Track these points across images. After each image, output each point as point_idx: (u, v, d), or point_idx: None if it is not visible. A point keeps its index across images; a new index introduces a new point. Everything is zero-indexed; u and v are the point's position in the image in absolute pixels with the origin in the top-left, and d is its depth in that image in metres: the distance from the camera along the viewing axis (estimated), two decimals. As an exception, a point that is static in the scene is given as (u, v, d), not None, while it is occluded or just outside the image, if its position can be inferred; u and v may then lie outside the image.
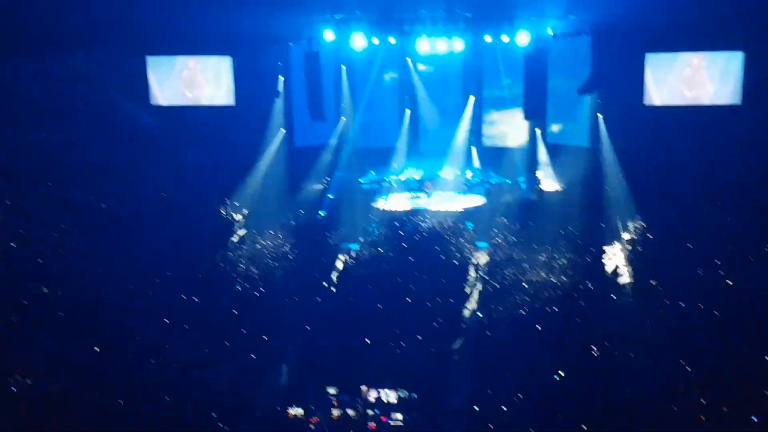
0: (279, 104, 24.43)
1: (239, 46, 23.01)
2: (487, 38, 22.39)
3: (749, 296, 14.24)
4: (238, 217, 21.70)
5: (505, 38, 22.24)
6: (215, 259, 18.92)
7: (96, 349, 13.19)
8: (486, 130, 26.24)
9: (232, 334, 14.36)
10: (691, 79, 21.84)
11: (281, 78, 24.07)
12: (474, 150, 26.09)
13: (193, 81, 24.06)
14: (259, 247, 19.58)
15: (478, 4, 21.51)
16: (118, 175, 21.86)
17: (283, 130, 24.67)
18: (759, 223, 17.13)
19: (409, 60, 25.87)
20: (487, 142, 26.31)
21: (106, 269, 16.85)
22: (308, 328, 15.22)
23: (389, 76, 25.91)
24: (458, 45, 22.78)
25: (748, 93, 21.37)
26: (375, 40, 22.79)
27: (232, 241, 20.13)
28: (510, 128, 25.51)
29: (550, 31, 21.61)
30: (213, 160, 23.52)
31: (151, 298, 15.83)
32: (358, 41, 22.40)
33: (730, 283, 14.97)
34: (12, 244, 17.44)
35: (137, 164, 22.63)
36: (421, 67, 26.02)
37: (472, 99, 25.94)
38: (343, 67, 25.49)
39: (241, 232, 20.88)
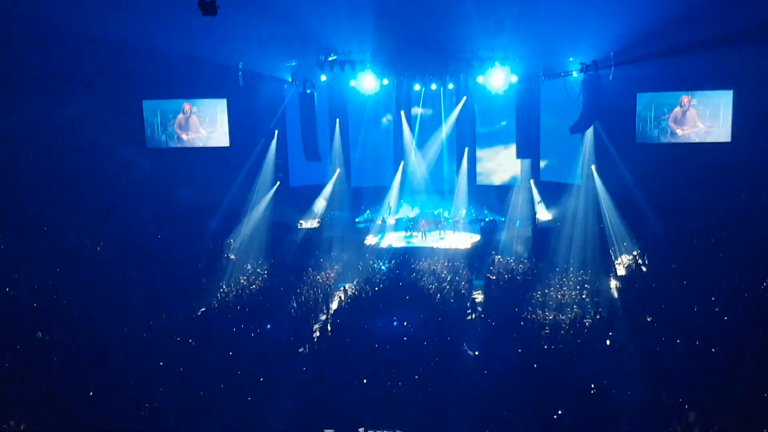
0: (274, 145, 24.62)
1: (234, 88, 23.25)
2: (479, 79, 22.64)
3: (745, 332, 14.26)
4: (233, 256, 21.73)
5: (513, 78, 22.43)
6: (210, 300, 18.91)
7: (90, 393, 13.07)
8: (479, 168, 26.37)
9: (229, 375, 14.28)
10: (682, 117, 22.16)
11: (276, 119, 24.29)
12: (467, 188, 26.18)
13: (188, 124, 24.29)
14: (253, 287, 19.56)
15: (470, 46, 21.79)
16: (113, 218, 21.95)
17: (282, 171, 24.88)
18: (752, 259, 17.20)
19: (402, 101, 26.06)
20: (480, 180, 26.44)
21: (100, 312, 16.81)
22: (304, 369, 15.14)
23: (387, 119, 26.07)
24: (450, 86, 23.13)
25: (738, 131, 21.69)
26: (372, 82, 23.02)
27: (227, 282, 20.11)
28: (503, 166, 25.62)
29: (541, 72, 21.94)
30: (208, 200, 23.64)
31: (145, 340, 15.77)
32: (368, 83, 22.63)
33: (726, 319, 14.99)
34: (7, 289, 17.45)
35: (133, 207, 22.74)
36: (417, 110, 26.19)
37: (466, 150, 26.18)
38: (337, 108, 25.69)
39: (236, 272, 20.85)
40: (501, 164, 25.75)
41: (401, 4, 20.92)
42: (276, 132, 24.49)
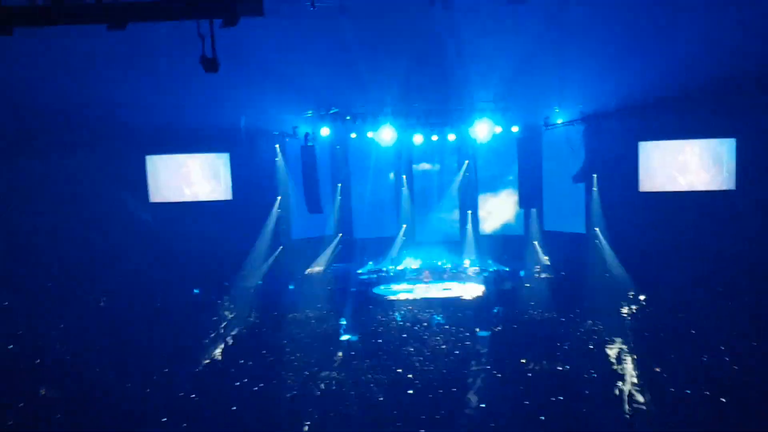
0: (276, 198, 24.71)
1: (236, 142, 23.43)
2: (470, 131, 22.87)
3: (755, 382, 14.09)
4: (235, 310, 21.62)
5: (497, 129, 22.79)
6: (212, 354, 18.76)
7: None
8: (482, 217, 26.41)
9: (233, 430, 14.09)
10: (685, 165, 22.21)
11: (278, 172, 24.42)
12: (472, 238, 26.20)
13: (191, 178, 24.42)
14: (257, 340, 19.40)
15: (469, 97, 22.02)
16: (117, 274, 21.93)
17: (285, 223, 24.95)
18: (758, 308, 17.08)
19: (404, 152, 26.23)
20: (483, 229, 26.45)
21: (104, 368, 16.67)
22: (308, 423, 14.92)
23: (391, 175, 26.18)
24: (451, 136, 23.30)
25: (742, 178, 21.73)
26: (370, 134, 23.29)
27: (231, 336, 19.97)
28: (506, 216, 25.64)
29: (543, 122, 22.14)
30: (211, 254, 23.62)
31: (148, 397, 15.59)
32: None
33: (736, 369, 14.82)
34: (10, 345, 17.34)
35: (136, 262, 22.72)
36: (424, 166, 26.39)
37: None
38: (340, 160, 25.86)
39: (239, 325, 20.74)
40: (492, 212, 25.82)
41: (402, 58, 21.17)
42: (278, 185, 24.59)
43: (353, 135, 23.50)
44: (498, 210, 26.02)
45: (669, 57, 19.43)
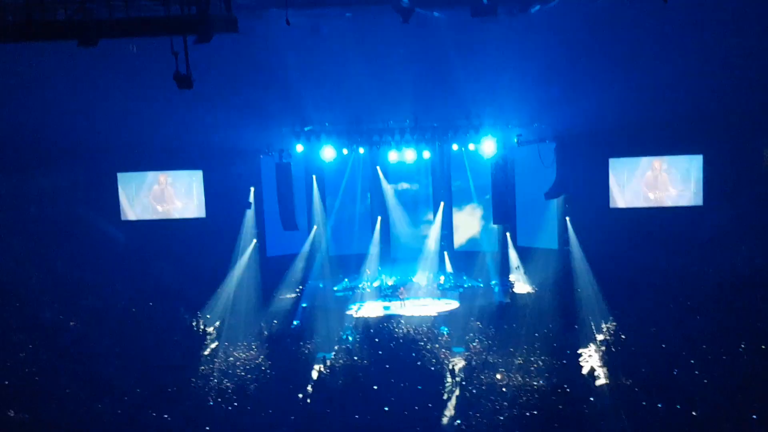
0: (250, 215, 24.61)
1: (210, 159, 23.35)
2: (454, 147, 22.97)
3: (724, 395, 14.24)
4: (209, 329, 21.46)
5: (471, 146, 22.99)
6: (186, 373, 18.57)
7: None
8: (457, 233, 26.49)
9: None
10: (654, 182, 22.53)
11: (252, 189, 24.34)
12: (446, 255, 26.26)
13: (163, 195, 24.28)
14: (231, 359, 19.26)
15: (444, 115, 22.17)
16: (87, 292, 21.66)
17: (254, 241, 24.79)
18: (727, 322, 17.28)
19: (378, 169, 26.27)
20: (458, 245, 26.53)
21: (74, 389, 16.46)
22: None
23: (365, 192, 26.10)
24: (426, 153, 23.42)
25: (709, 194, 22.07)
26: (344, 151, 23.36)
27: (204, 355, 19.81)
28: (481, 232, 25.74)
29: (515, 139, 22.32)
30: (184, 272, 23.45)
31: (121, 417, 15.43)
32: (328, 153, 22.94)
33: (706, 382, 14.97)
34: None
35: (107, 280, 22.48)
36: (404, 185, 26.50)
37: (442, 204, 26.34)
38: (314, 177, 25.82)
39: (213, 344, 20.58)
40: (467, 229, 25.97)
41: (376, 76, 21.28)
42: (252, 202, 24.50)
43: (323, 153, 23.49)
44: (472, 226, 26.13)
45: (637, 79, 19.76)
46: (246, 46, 19.05)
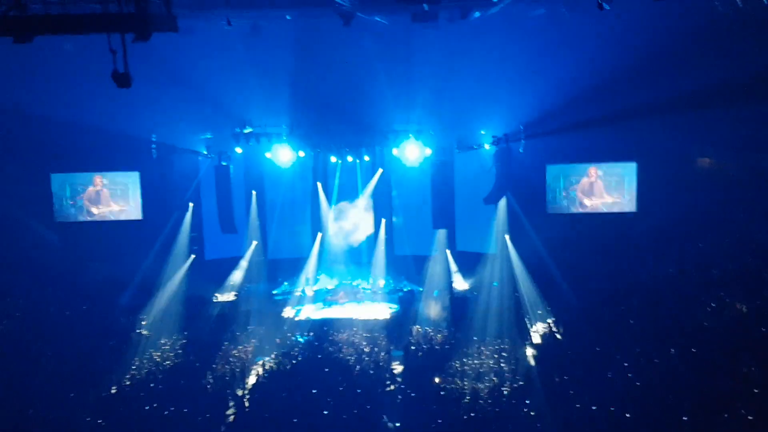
0: (188, 218, 24.28)
1: (148, 161, 22.97)
2: (394, 151, 23.07)
3: (656, 397, 14.60)
4: (145, 332, 21.10)
5: (427, 151, 23.03)
6: (121, 377, 18.23)
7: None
8: (396, 237, 26.56)
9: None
10: (590, 188, 23.03)
11: (190, 192, 24.03)
12: (385, 259, 26.29)
13: (99, 197, 23.78)
14: (168, 363, 18.97)
15: (385, 120, 22.25)
16: (19, 294, 21.11)
17: (197, 243, 24.49)
18: (659, 325, 17.73)
19: (319, 185, 26.04)
20: (397, 250, 26.59)
21: (4, 393, 16.03)
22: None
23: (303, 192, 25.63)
24: (366, 158, 23.49)
25: (642, 201, 22.65)
26: (287, 155, 23.24)
27: (139, 359, 19.46)
28: (419, 236, 25.81)
29: (455, 145, 22.55)
30: (120, 275, 23.02)
31: (54, 421, 15.08)
32: (284, 155, 22.76)
33: (638, 384, 15.33)
34: None
35: (40, 282, 21.93)
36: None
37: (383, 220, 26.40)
38: (254, 180, 25.59)
39: (148, 348, 20.22)
40: (406, 233, 26.05)
41: (317, 79, 21.28)
42: (191, 204, 24.18)
43: (268, 155, 23.33)
44: (411, 230, 26.20)
45: (574, 85, 20.19)
46: (186, 45, 18.88)
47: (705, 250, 20.21)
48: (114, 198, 23.91)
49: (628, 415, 14.19)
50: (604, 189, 22.97)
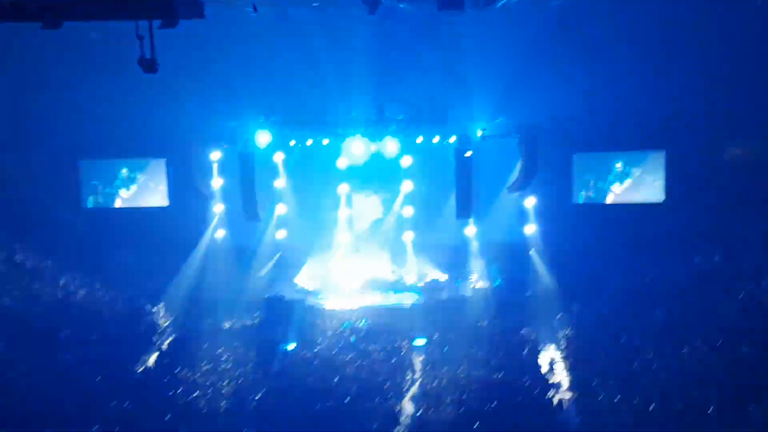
0: (213, 205, 24.37)
1: (174, 148, 23.06)
2: (419, 139, 22.95)
3: (683, 391, 14.49)
4: (170, 319, 21.29)
5: (435, 139, 22.96)
6: (147, 363, 18.44)
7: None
8: (420, 226, 26.42)
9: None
10: (617, 178, 22.77)
11: (216, 179, 24.10)
12: (410, 248, 26.21)
13: (126, 184, 23.95)
14: (192, 350, 19.13)
15: (409, 107, 22.13)
16: (48, 279, 21.36)
17: (222, 231, 24.59)
18: (686, 317, 17.57)
19: (342, 164, 25.95)
20: (421, 239, 26.47)
21: (33, 378, 16.25)
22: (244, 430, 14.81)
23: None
24: (391, 146, 23.35)
25: (671, 191, 22.36)
26: (309, 141, 23.22)
27: (164, 345, 19.66)
28: (443, 225, 25.67)
29: (479, 133, 22.37)
30: (146, 261, 23.21)
31: (81, 405, 15.29)
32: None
33: (664, 376, 15.22)
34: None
35: (69, 269, 22.17)
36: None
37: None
38: (280, 167, 25.58)
39: (174, 334, 20.42)
40: (429, 221, 25.88)
41: (342, 66, 21.22)
42: (215, 192, 24.25)
43: (292, 142, 23.31)
44: (435, 219, 26.07)
45: (602, 74, 19.97)
46: (212, 32, 18.92)
47: (734, 242, 19.93)
48: (141, 185, 24.05)
49: (651, 407, 14.11)
50: (632, 178, 22.70)
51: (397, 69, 21.11)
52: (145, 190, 23.98)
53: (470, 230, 24.64)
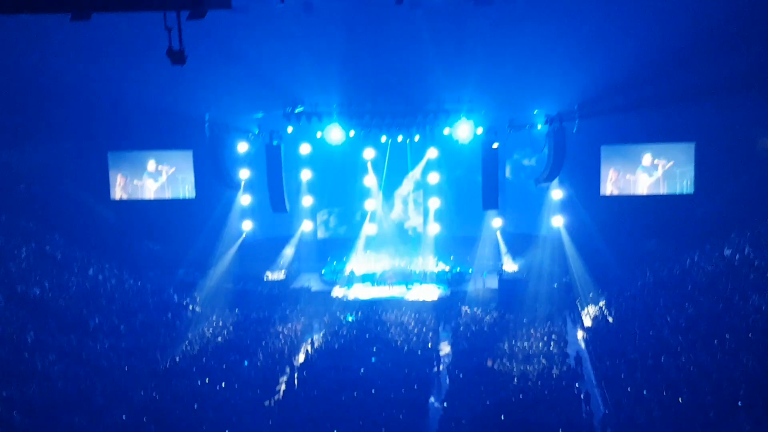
0: (240, 196, 24.52)
1: (201, 140, 23.21)
2: (446, 131, 22.85)
3: (710, 382, 14.34)
4: (198, 309, 21.47)
5: (479, 130, 22.80)
6: (174, 353, 18.60)
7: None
8: (446, 218, 26.39)
9: (194, 430, 14.02)
10: (646, 169, 22.57)
11: (242, 171, 24.23)
12: (435, 240, 26.17)
13: (154, 175, 24.16)
14: (219, 339, 19.28)
15: (437, 99, 22.03)
16: (77, 269, 21.61)
17: (249, 222, 24.74)
18: (716, 310, 17.37)
19: (368, 155, 25.92)
20: (447, 230, 26.45)
21: (63, 365, 16.46)
22: (270, 423, 14.87)
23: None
24: (417, 137, 23.33)
25: (700, 182, 22.13)
26: (338, 134, 23.23)
27: (192, 335, 19.82)
28: (469, 217, 25.58)
29: (507, 125, 22.25)
30: (173, 252, 23.43)
31: (109, 393, 15.46)
32: (335, 135, 22.70)
33: (692, 369, 15.07)
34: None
35: (97, 258, 22.43)
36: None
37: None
38: (305, 160, 25.68)
39: (201, 325, 20.59)
40: (455, 213, 25.83)
41: (368, 58, 21.19)
42: (242, 183, 24.39)
43: (319, 134, 23.31)
44: (461, 211, 26.01)
45: (631, 66, 19.74)
46: (239, 23, 18.98)
47: (763, 233, 19.67)
48: (168, 176, 24.26)
49: (680, 400, 13.98)
50: (661, 170, 22.48)
51: (421, 59, 20.99)
52: (173, 182, 24.18)
53: (496, 222, 24.60)
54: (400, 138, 23.81)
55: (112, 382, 15.97)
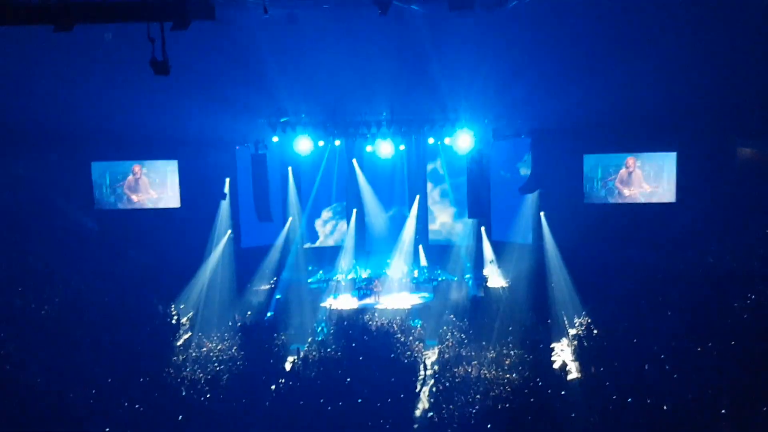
0: (225, 206, 24.48)
1: (186, 149, 23.18)
2: (430, 140, 22.98)
3: (695, 389, 14.42)
4: (183, 320, 21.37)
5: (447, 140, 23.02)
6: (159, 364, 18.48)
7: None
8: (432, 227, 26.54)
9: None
10: (628, 178, 22.75)
11: (228, 180, 24.22)
12: (421, 248, 26.28)
13: (138, 185, 24.09)
14: (204, 350, 19.22)
15: (421, 108, 22.15)
16: (59, 281, 21.45)
17: (229, 232, 24.69)
18: (697, 317, 17.48)
19: (354, 161, 26.09)
20: (433, 239, 26.58)
21: (46, 378, 16.32)
22: (256, 433, 14.84)
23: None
24: (402, 146, 23.44)
25: (682, 191, 22.32)
26: (320, 143, 23.30)
27: (177, 345, 19.73)
28: (455, 225, 25.75)
29: (491, 134, 22.38)
30: (158, 262, 23.32)
31: (92, 406, 15.34)
32: (303, 145, 22.78)
33: (676, 377, 15.15)
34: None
35: (80, 269, 22.28)
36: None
37: (417, 198, 26.30)
38: (290, 169, 25.70)
39: (186, 335, 20.51)
40: (441, 222, 25.99)
41: (353, 68, 21.26)
42: (227, 193, 24.37)
43: (309, 145, 23.37)
44: (447, 220, 26.18)
45: (612, 75, 19.90)
46: (223, 34, 18.98)
47: (745, 242, 19.85)
48: (153, 186, 24.19)
49: (665, 408, 14.05)
50: (643, 179, 22.67)
51: (407, 70, 21.10)
52: (157, 192, 24.12)
53: (481, 230, 24.72)
54: (388, 147, 23.86)
55: (94, 394, 15.84)
